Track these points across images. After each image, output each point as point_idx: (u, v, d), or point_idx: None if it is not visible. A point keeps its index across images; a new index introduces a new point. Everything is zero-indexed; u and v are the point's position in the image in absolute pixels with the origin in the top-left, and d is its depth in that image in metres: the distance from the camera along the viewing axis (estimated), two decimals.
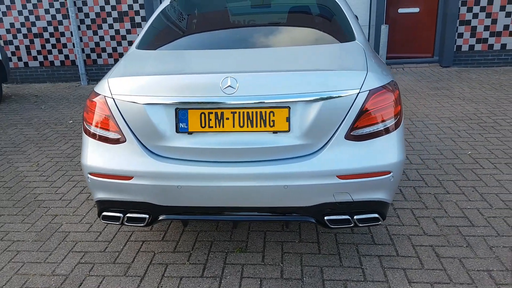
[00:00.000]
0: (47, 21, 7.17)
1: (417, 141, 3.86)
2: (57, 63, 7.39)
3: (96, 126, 2.01)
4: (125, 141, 1.96)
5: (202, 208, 1.96)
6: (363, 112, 1.89)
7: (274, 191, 1.87)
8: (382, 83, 1.94)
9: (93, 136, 2.02)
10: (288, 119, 1.87)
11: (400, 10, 6.88)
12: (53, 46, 7.29)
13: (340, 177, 1.87)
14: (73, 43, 7.21)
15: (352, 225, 2.00)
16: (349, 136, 1.89)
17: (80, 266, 2.33)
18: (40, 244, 2.56)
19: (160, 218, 2.02)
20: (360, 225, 1.99)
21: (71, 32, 7.18)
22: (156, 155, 1.96)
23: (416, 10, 6.85)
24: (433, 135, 3.98)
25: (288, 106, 1.86)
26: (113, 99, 1.96)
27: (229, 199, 1.91)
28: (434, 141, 3.84)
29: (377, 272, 2.16)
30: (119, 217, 2.04)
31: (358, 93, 1.88)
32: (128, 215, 2.03)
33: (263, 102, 1.84)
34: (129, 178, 1.94)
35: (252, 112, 1.87)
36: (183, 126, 1.90)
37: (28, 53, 7.35)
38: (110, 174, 1.96)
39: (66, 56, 7.34)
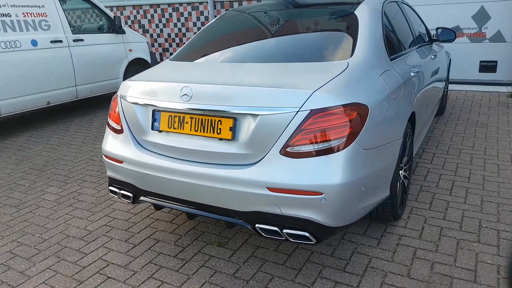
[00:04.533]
0: (193, 32, 8.50)
1: None
2: None
3: (110, 118, 2.58)
4: (123, 132, 2.47)
5: (164, 196, 2.32)
6: (300, 130, 1.94)
7: (213, 191, 2.10)
8: (330, 104, 1.94)
9: (109, 125, 2.60)
10: (231, 129, 2.07)
11: None
12: None
13: (270, 189, 1.97)
14: None
15: (283, 238, 2.06)
16: (284, 152, 1.97)
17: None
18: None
19: (141, 198, 2.46)
20: (292, 240, 2.03)
21: None
22: (140, 146, 2.40)
23: None
24: None
25: (233, 117, 2.06)
26: (120, 98, 2.50)
27: (181, 192, 2.22)
28: None
29: None
30: (117, 192, 2.56)
31: (297, 112, 1.94)
32: (122, 192, 2.53)
33: (211, 111, 2.09)
34: (121, 162, 2.44)
35: (204, 119, 2.14)
36: (156, 125, 2.30)
37: None
38: (112, 157, 2.49)
39: None
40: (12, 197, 3.55)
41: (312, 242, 2.02)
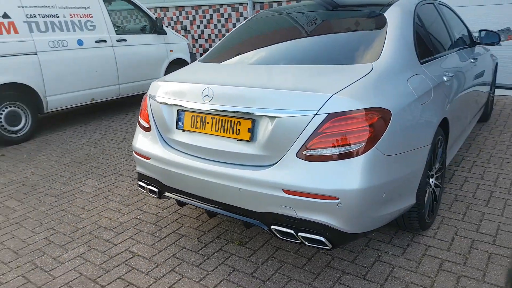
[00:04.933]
0: None
1: None
2: None
3: (141, 116, 2.68)
4: (151, 130, 2.56)
5: (185, 193, 2.38)
6: (318, 134, 1.93)
7: (231, 191, 2.13)
8: (348, 108, 1.92)
9: (139, 123, 2.70)
10: (250, 130, 2.09)
11: None
12: None
13: (285, 191, 1.97)
14: None
15: (299, 241, 2.05)
16: (300, 155, 1.96)
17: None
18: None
19: (165, 194, 2.54)
20: (307, 243, 2.03)
21: None
22: (166, 144, 2.48)
23: None
24: None
25: (252, 119, 2.09)
26: (149, 97, 2.59)
27: (201, 190, 2.27)
28: None
29: None
30: (144, 187, 2.66)
31: (314, 115, 1.93)
32: (149, 187, 2.62)
33: (231, 112, 2.13)
34: (148, 158, 2.53)
35: (224, 120, 2.17)
36: (180, 124, 2.37)
37: None
38: (140, 153, 2.60)
39: None
40: (53, 188, 3.78)
41: (327, 247, 2.00)
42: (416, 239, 2.64)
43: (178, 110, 2.38)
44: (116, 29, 6.22)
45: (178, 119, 2.38)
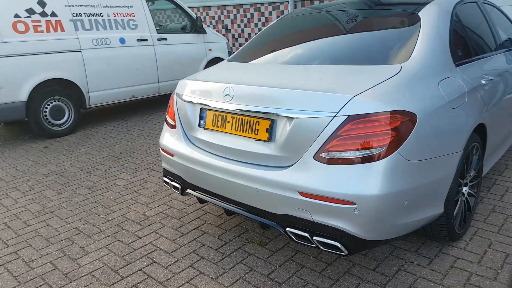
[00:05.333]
0: None
1: None
2: None
3: (168, 114, 2.74)
4: (176, 127, 2.61)
5: (205, 191, 2.40)
6: (336, 136, 1.87)
7: (248, 190, 2.12)
8: (370, 110, 1.85)
9: (166, 121, 2.76)
10: (268, 130, 2.07)
11: None
12: None
13: (301, 193, 1.93)
14: None
15: (314, 246, 2.00)
16: (318, 157, 1.91)
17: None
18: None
19: (187, 191, 2.57)
20: (322, 248, 1.97)
21: None
22: (189, 141, 2.52)
23: None
24: None
25: (270, 119, 2.06)
26: (176, 95, 2.64)
27: (220, 188, 2.27)
28: None
29: None
30: (169, 182, 2.71)
31: (333, 117, 1.88)
32: (172, 183, 2.67)
33: (250, 111, 2.12)
34: (173, 155, 2.58)
35: (243, 119, 2.17)
36: (202, 122, 2.39)
37: None
38: (166, 150, 2.65)
39: None
40: (89, 180, 3.95)
41: (343, 253, 1.94)
42: (445, 250, 2.50)
43: (201, 108, 2.41)
44: (158, 28, 6.40)
45: (201, 118, 2.41)
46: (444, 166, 2.12)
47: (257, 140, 2.12)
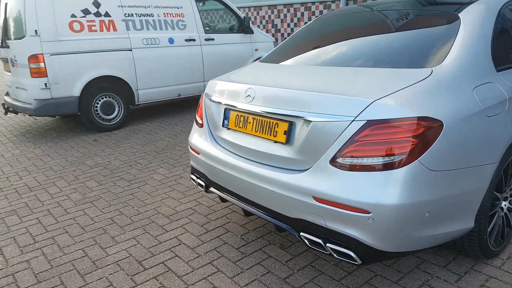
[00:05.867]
0: None
1: None
2: None
3: (197, 113, 2.80)
4: (203, 127, 2.66)
5: (226, 190, 2.42)
6: (354, 141, 1.81)
7: (265, 192, 2.11)
8: (391, 116, 1.76)
9: (195, 119, 2.82)
10: (286, 133, 2.04)
11: None
12: None
13: (316, 199, 1.89)
14: None
15: (328, 253, 1.95)
16: (333, 162, 1.86)
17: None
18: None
19: (211, 189, 2.61)
20: (336, 256, 1.92)
21: None
22: (214, 140, 2.55)
23: None
24: None
25: (289, 121, 2.04)
26: (205, 95, 2.69)
27: (239, 188, 2.29)
28: None
29: None
30: (195, 180, 2.77)
31: (351, 121, 1.82)
32: (198, 180, 2.73)
33: (269, 113, 2.10)
34: (199, 153, 2.63)
35: (264, 121, 2.16)
36: (226, 122, 2.42)
37: None
38: (193, 148, 2.71)
39: None
40: (129, 173, 4.14)
41: (357, 263, 1.87)
42: (478, 267, 2.33)
43: (225, 108, 2.44)
44: (206, 28, 6.56)
45: (225, 117, 2.43)
46: (474, 178, 1.98)
47: (275, 142, 2.11)
